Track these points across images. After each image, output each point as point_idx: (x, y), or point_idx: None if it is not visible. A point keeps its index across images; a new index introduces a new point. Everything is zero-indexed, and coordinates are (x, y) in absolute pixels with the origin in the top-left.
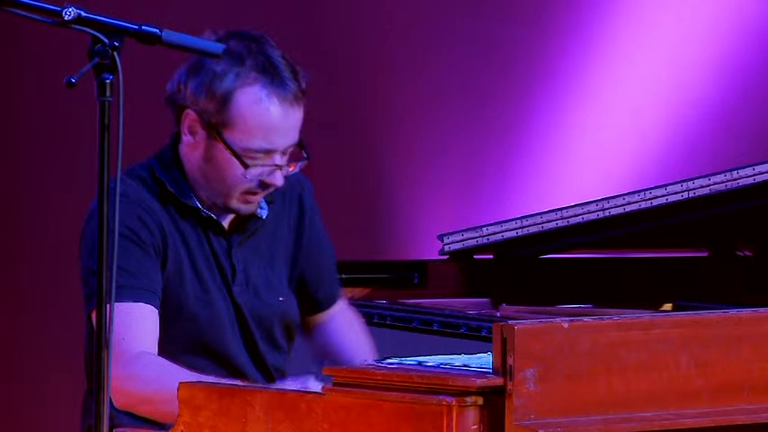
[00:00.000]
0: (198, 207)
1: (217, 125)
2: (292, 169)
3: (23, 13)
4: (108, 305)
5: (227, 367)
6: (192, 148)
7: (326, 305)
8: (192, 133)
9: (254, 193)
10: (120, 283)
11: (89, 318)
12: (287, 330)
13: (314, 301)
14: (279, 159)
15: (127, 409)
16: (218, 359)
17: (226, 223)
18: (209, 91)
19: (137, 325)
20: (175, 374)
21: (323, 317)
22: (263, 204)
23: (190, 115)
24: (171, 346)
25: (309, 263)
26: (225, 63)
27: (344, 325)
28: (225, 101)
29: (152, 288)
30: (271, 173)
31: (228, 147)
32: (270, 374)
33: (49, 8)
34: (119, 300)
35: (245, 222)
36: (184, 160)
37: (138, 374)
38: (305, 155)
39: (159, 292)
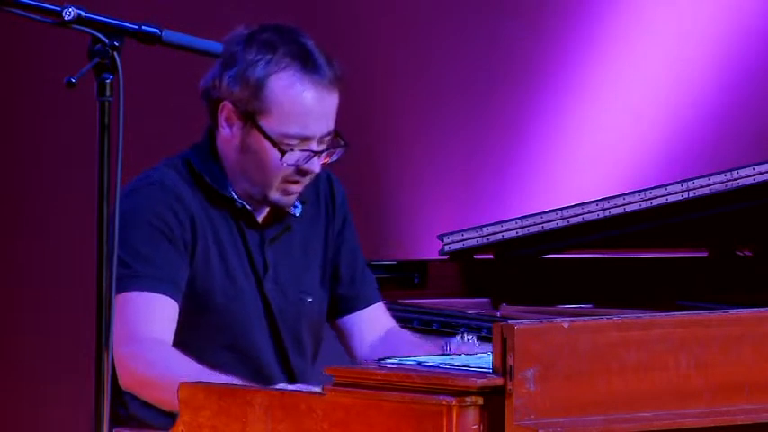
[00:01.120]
0: (233, 198)
1: (252, 113)
2: (329, 158)
3: (23, 13)
4: (107, 303)
5: (253, 364)
6: (229, 140)
7: (351, 307)
8: (230, 125)
9: (293, 182)
10: (143, 273)
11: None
12: (313, 334)
13: (336, 300)
14: (315, 146)
15: (130, 390)
16: (244, 355)
17: (260, 218)
18: (244, 79)
19: (152, 313)
20: (181, 363)
21: (351, 321)
22: (297, 203)
23: (226, 107)
24: (198, 340)
25: (335, 258)
26: (258, 52)
27: (379, 333)
28: (259, 87)
29: (174, 281)
30: (308, 159)
31: (264, 133)
32: (293, 377)
33: (49, 8)
34: (139, 288)
35: (279, 218)
36: (222, 154)
37: (143, 357)
38: (342, 143)
39: (182, 287)
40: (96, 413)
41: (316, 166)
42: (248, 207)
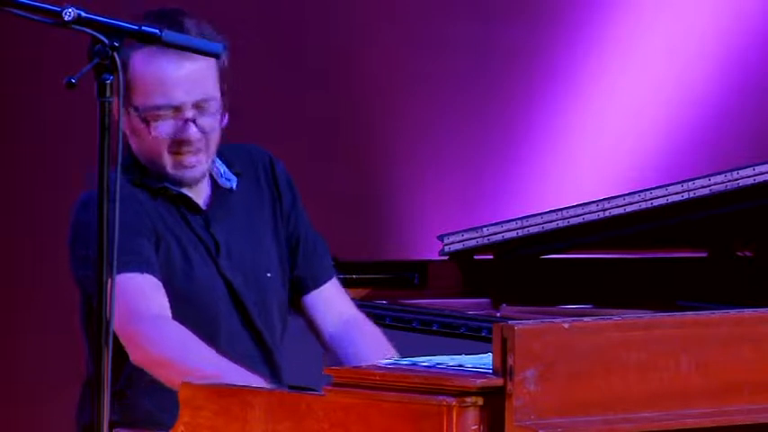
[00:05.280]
0: (167, 187)
1: (126, 94)
2: (220, 124)
3: (23, 13)
4: (107, 303)
5: (219, 347)
6: (125, 132)
7: (308, 286)
8: (118, 114)
9: (177, 153)
10: (124, 259)
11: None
12: (280, 311)
13: (294, 280)
14: (190, 114)
15: (141, 367)
16: (209, 339)
17: (200, 201)
18: None
19: (149, 290)
20: (189, 344)
21: (309, 301)
22: (230, 175)
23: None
24: None
25: (294, 237)
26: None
27: (331, 314)
28: (124, 69)
29: (148, 260)
30: (182, 127)
31: (135, 110)
32: (268, 351)
33: (49, 8)
34: (126, 270)
35: (217, 197)
36: (132, 149)
37: (157, 337)
38: (222, 106)
39: (156, 265)
40: (96, 413)
41: (190, 132)
42: (184, 193)
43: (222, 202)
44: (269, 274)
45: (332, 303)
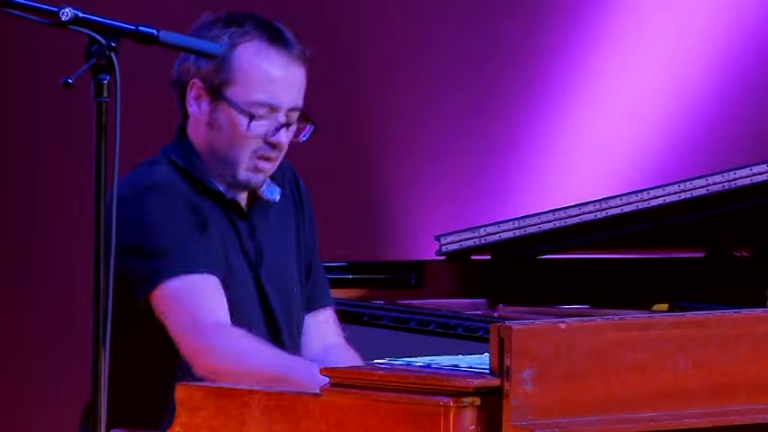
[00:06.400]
0: (221, 191)
1: (220, 85)
2: (300, 137)
3: (21, 13)
4: (105, 302)
5: None
6: (198, 120)
7: (307, 308)
8: (199, 102)
9: (262, 158)
10: (191, 251)
11: (145, 300)
12: (297, 323)
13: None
14: (283, 118)
15: (207, 379)
16: None
17: (244, 207)
18: None
19: (211, 295)
20: (252, 351)
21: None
22: (274, 188)
23: (195, 84)
24: None
25: (309, 257)
26: (223, 28)
27: (319, 340)
28: (225, 58)
29: (214, 263)
30: (275, 131)
31: (232, 103)
32: None
33: (47, 9)
34: (192, 270)
35: (261, 206)
36: (194, 141)
37: (221, 348)
38: (311, 122)
39: (219, 262)
40: (93, 413)
41: (283, 137)
42: (237, 199)
43: (263, 211)
44: (294, 289)
45: (322, 330)
